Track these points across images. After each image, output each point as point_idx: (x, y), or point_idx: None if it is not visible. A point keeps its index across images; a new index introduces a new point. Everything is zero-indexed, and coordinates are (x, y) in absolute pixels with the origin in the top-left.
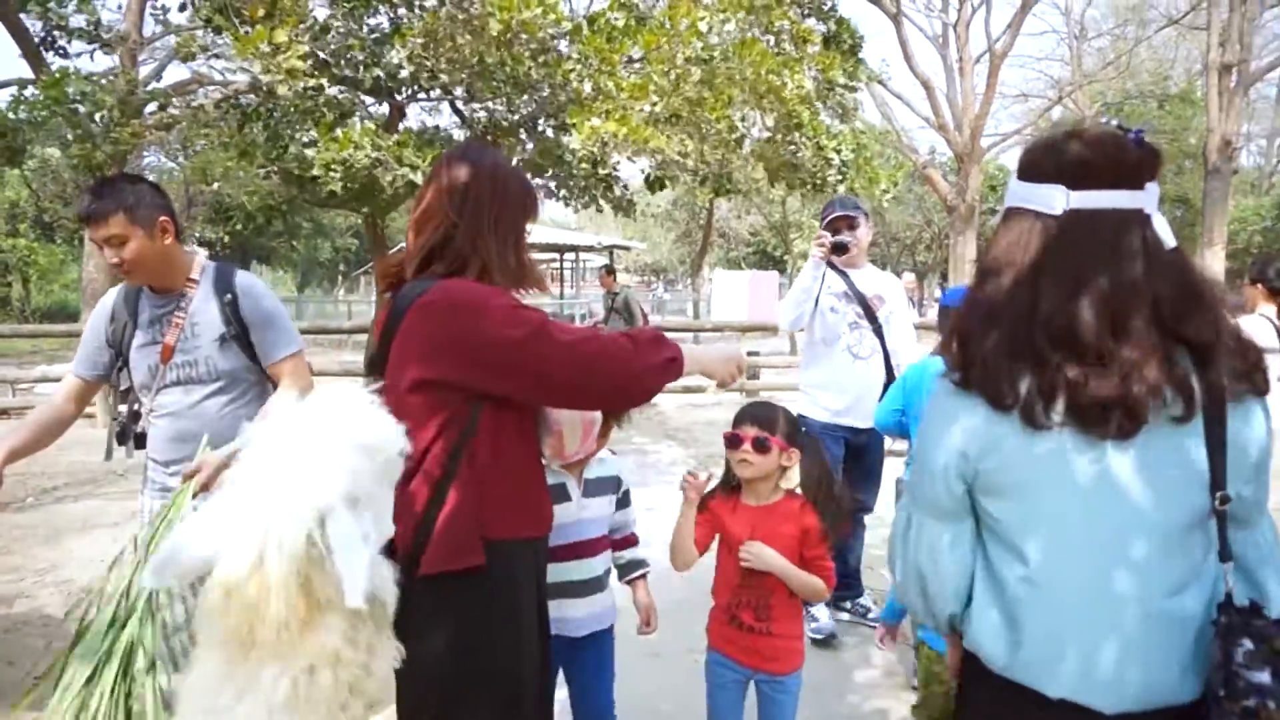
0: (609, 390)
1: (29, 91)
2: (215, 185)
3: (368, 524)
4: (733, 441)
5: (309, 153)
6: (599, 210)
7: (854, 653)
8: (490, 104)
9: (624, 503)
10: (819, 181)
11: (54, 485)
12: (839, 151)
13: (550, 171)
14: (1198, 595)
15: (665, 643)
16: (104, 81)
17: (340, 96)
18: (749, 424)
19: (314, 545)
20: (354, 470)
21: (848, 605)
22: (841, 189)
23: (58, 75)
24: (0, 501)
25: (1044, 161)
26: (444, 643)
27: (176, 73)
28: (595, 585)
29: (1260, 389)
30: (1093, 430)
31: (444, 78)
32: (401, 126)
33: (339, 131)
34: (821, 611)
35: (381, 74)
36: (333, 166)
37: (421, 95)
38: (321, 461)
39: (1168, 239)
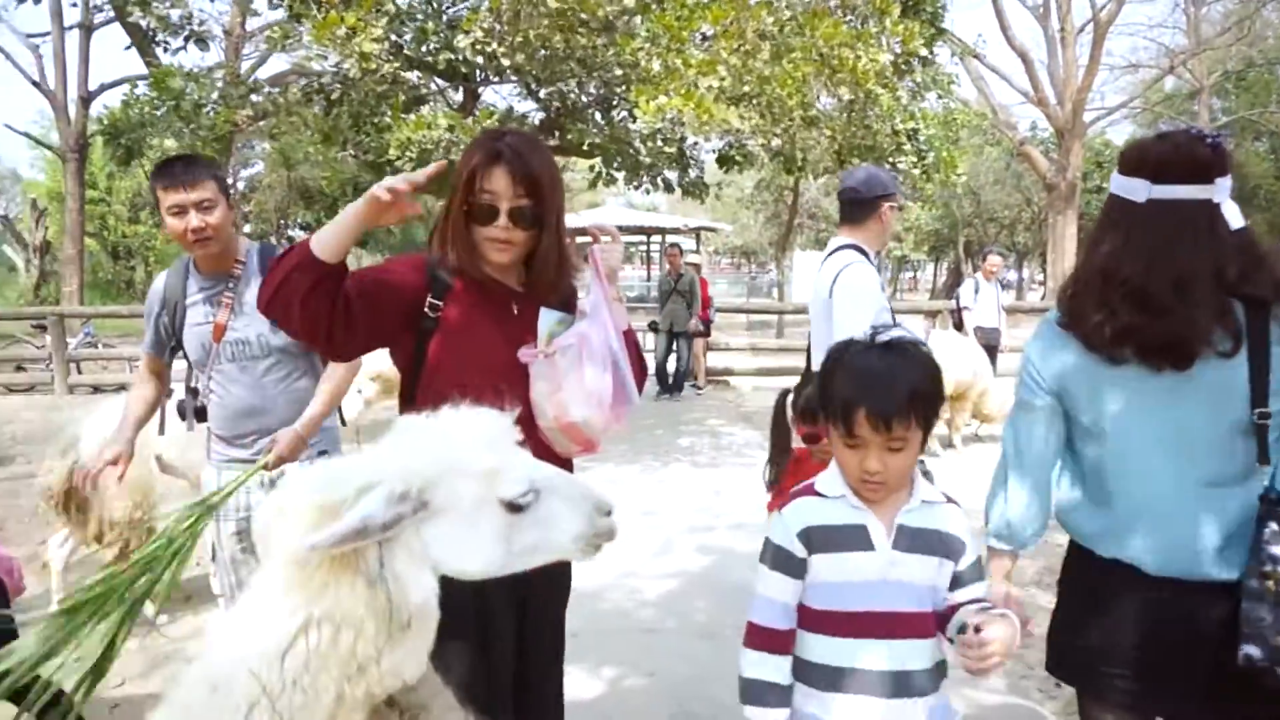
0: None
1: (140, 89)
2: (297, 170)
3: (414, 523)
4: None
5: (384, 136)
6: (669, 191)
7: None
8: (561, 86)
9: (972, 575)
10: (892, 164)
11: None
12: (915, 132)
13: (618, 155)
14: (1240, 490)
15: (722, 625)
16: (207, 76)
17: (415, 80)
18: (803, 419)
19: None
20: (416, 475)
21: None
22: (916, 172)
23: (165, 71)
24: None
25: (1134, 158)
26: None
27: (278, 64)
28: (908, 683)
29: None
30: (1154, 362)
31: (513, 60)
32: (477, 111)
33: (412, 115)
34: None
35: (454, 57)
36: (408, 148)
37: (495, 78)
38: (427, 454)
39: (1235, 221)
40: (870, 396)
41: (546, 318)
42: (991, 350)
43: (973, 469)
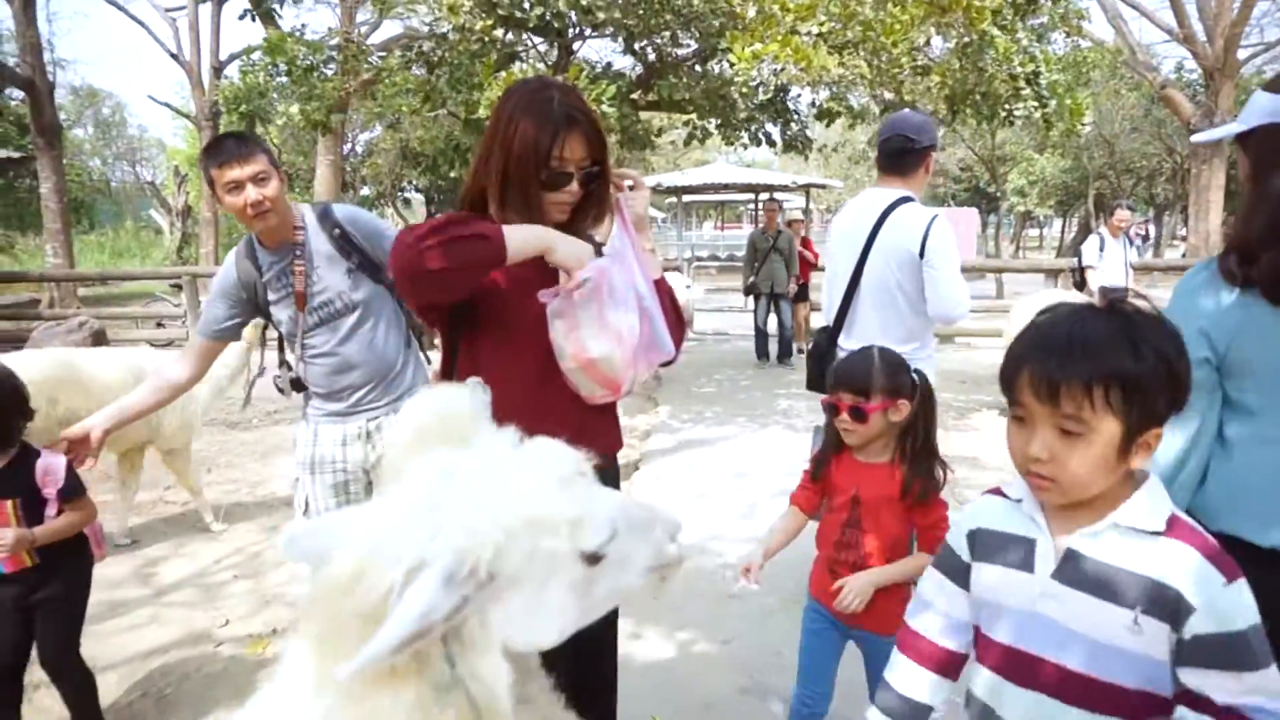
0: (399, 273)
1: (255, 56)
2: (402, 132)
3: (479, 605)
4: (830, 409)
5: (475, 95)
6: (771, 146)
7: None
8: (656, 39)
9: (1208, 656)
10: (1007, 112)
11: (274, 409)
12: (1035, 75)
13: (713, 109)
14: None
15: (805, 595)
16: (320, 42)
17: (507, 38)
18: (843, 389)
19: (390, 594)
20: (483, 541)
21: None
22: (1036, 117)
23: (279, 36)
24: (233, 421)
25: None
26: None
27: (392, 29)
28: None
29: None
30: None
31: (609, 13)
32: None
33: (503, 73)
34: None
35: (546, 11)
36: None
37: (589, 31)
38: (455, 514)
39: None
40: (1039, 352)
41: None
42: None
43: None
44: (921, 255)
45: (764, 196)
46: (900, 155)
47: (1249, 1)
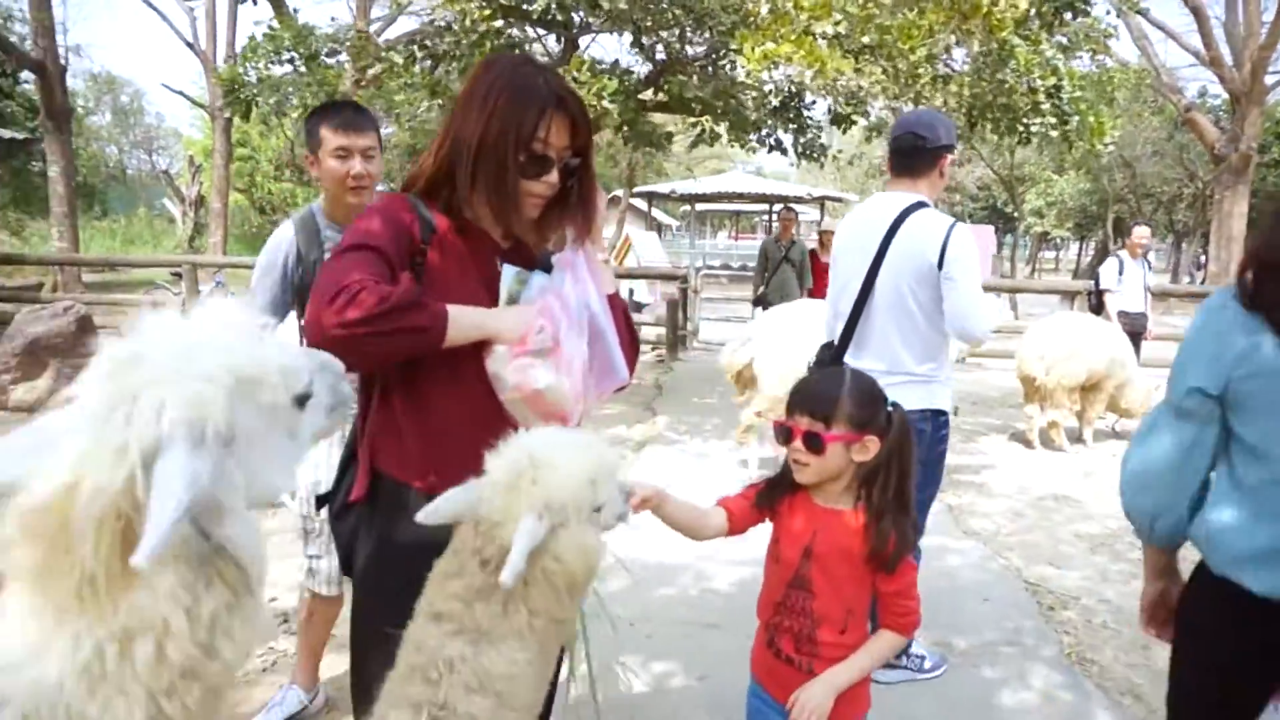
0: (313, 344)
1: (257, 34)
2: (399, 124)
3: (224, 469)
4: (782, 434)
5: None
6: (782, 153)
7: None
8: (666, 35)
9: None
10: (1024, 127)
11: None
12: (1057, 89)
13: (724, 111)
14: None
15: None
16: (324, 32)
17: (510, 31)
18: (801, 411)
19: (133, 483)
20: (212, 401)
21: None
22: (1055, 135)
23: (284, 24)
24: None
25: None
26: (356, 576)
27: (407, 25)
28: None
29: None
30: None
31: (614, 4)
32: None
33: None
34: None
35: (551, 3)
36: None
37: (594, 24)
38: (172, 386)
39: None
40: None
41: (506, 274)
42: (1136, 338)
43: (1103, 467)
44: (940, 266)
45: (779, 208)
46: (911, 155)
47: (1278, 24)
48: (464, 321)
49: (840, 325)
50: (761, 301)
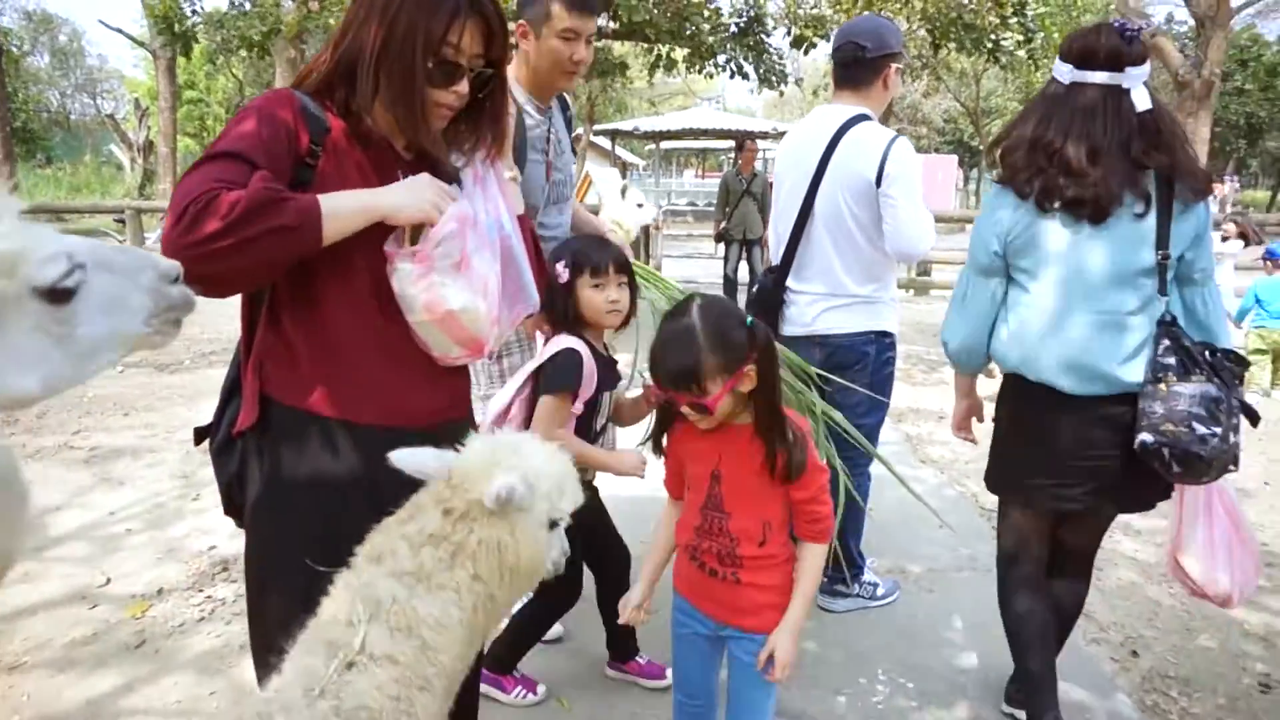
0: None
1: None
2: None
3: None
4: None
5: None
6: (744, 78)
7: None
8: None
9: None
10: (993, 44)
11: (212, 350)
12: (1022, 6)
13: (679, 36)
14: (1144, 316)
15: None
16: None
17: None
18: (671, 388)
19: None
20: None
21: (848, 588)
22: (1021, 54)
23: None
24: (162, 363)
25: (1065, 46)
26: (248, 514)
27: None
28: None
29: (1202, 196)
30: (1075, 215)
31: None
32: None
33: None
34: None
35: None
36: None
37: None
38: None
39: (1142, 104)
40: None
41: None
42: None
43: None
44: (878, 183)
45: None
46: (852, 66)
47: None
48: (343, 208)
49: (782, 248)
50: (723, 237)
